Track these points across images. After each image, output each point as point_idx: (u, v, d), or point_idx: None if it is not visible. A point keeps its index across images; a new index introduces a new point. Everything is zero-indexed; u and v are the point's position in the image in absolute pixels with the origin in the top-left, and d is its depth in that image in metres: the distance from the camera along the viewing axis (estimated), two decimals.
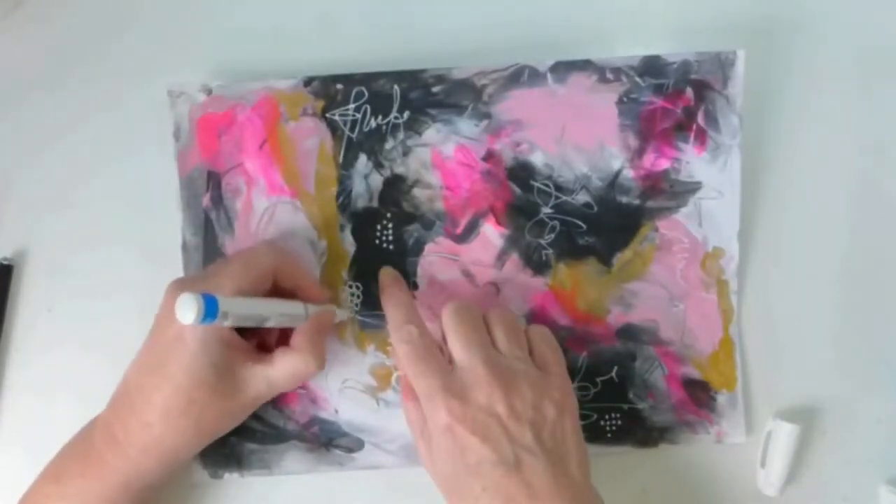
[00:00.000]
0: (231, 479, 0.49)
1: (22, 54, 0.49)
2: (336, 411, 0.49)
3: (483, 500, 0.41)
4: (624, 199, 0.49)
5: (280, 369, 0.44)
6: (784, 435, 0.49)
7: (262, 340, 0.46)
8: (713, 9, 0.49)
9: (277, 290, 0.45)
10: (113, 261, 0.49)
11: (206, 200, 0.48)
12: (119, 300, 0.49)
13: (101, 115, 0.49)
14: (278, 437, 0.49)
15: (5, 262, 0.49)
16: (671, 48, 0.48)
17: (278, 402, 0.49)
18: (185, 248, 0.48)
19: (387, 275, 0.48)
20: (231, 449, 0.49)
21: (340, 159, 0.48)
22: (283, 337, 0.46)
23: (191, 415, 0.42)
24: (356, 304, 0.49)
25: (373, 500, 0.50)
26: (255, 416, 0.48)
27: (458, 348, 0.43)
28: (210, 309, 0.38)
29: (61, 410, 0.48)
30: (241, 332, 0.44)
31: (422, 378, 0.43)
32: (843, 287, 0.50)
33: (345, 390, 0.49)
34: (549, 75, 0.48)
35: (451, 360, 0.43)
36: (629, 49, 0.48)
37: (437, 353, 0.44)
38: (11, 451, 0.49)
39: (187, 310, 0.37)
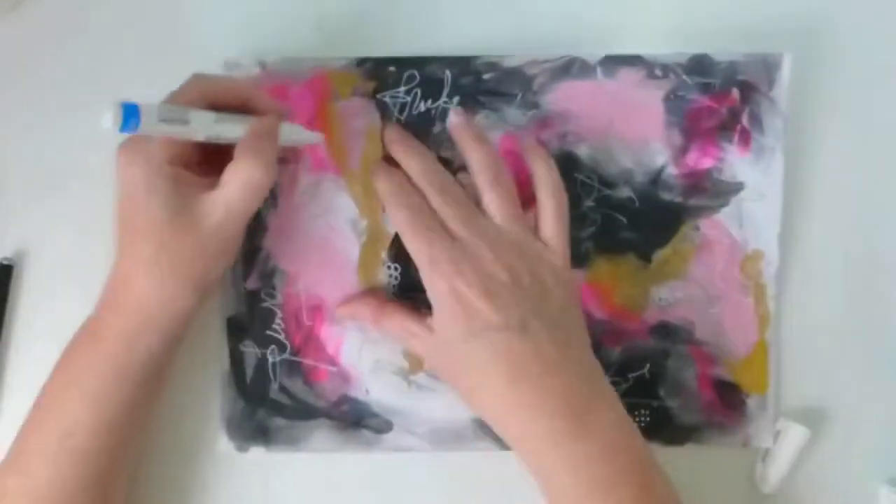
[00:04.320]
0: (257, 453, 0.49)
1: (22, 53, 0.49)
2: (367, 391, 0.49)
3: (490, 368, 0.41)
4: (666, 196, 0.49)
5: (229, 186, 0.42)
6: (793, 436, 0.49)
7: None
8: (762, 10, 0.50)
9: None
10: (113, 260, 0.48)
11: None
12: None
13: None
14: (307, 413, 0.49)
15: (5, 262, 0.48)
16: (719, 48, 0.48)
17: (309, 378, 0.49)
18: None
19: (394, 130, 0.48)
20: (259, 423, 0.48)
21: None
22: None
23: (161, 260, 0.42)
24: (394, 287, 0.49)
25: (399, 483, 0.49)
26: (285, 391, 0.49)
27: (455, 222, 0.44)
28: (129, 111, 0.37)
29: None
30: (195, 169, 0.44)
31: (425, 244, 0.43)
32: (859, 288, 0.51)
33: (377, 371, 0.49)
34: (598, 69, 0.48)
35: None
36: (677, 47, 0.49)
37: (438, 222, 0.44)
38: None
39: (106, 117, 0.37)
